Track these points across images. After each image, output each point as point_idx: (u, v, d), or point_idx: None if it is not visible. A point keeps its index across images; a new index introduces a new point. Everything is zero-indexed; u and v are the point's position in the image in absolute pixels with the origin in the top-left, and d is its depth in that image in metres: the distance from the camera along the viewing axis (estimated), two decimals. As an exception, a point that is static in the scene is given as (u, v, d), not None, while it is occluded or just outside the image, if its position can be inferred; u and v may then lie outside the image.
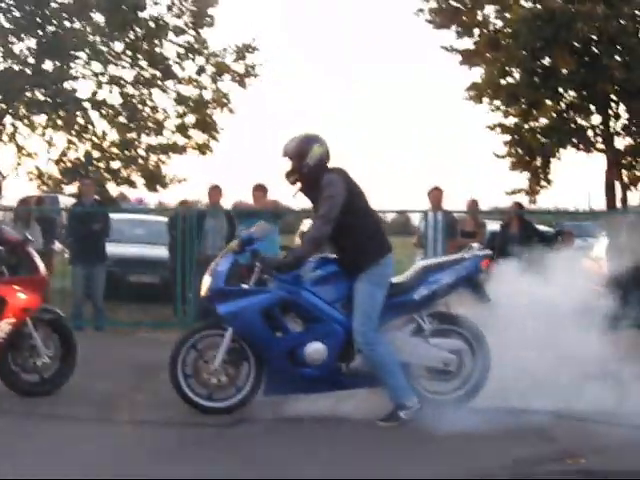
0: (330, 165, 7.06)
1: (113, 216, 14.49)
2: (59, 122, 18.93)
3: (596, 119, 20.11)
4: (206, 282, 7.11)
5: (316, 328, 6.91)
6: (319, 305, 6.93)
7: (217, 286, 6.99)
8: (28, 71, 17.82)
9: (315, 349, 6.86)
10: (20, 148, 19.84)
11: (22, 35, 17.56)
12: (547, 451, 5.87)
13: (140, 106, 19.00)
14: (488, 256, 7.54)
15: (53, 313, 7.88)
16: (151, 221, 17.67)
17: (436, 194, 13.06)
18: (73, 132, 19.54)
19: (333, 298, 6.98)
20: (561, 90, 19.23)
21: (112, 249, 13.58)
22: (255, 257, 6.99)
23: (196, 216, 12.90)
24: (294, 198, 7.26)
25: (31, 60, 17.88)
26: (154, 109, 19.20)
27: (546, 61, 18.55)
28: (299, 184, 7.06)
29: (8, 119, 19.25)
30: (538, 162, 20.37)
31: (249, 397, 7.02)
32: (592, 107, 19.82)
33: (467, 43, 19.98)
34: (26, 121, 18.98)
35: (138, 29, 17.92)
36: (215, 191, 13.06)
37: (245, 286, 7.00)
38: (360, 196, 7.05)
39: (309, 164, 6.92)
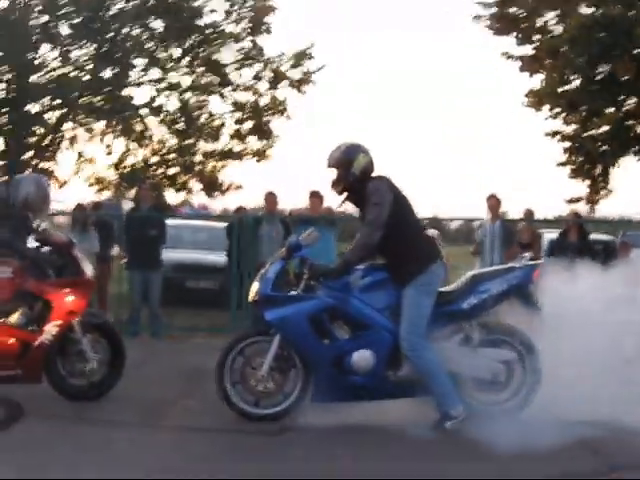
0: (375, 174, 7.03)
1: (172, 222, 14.62)
2: (117, 128, 19.07)
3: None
4: (254, 288, 7.10)
5: (363, 335, 6.86)
6: (367, 312, 6.87)
7: (264, 292, 6.97)
8: (86, 77, 18.00)
9: (362, 357, 6.81)
10: (80, 154, 20.07)
11: (80, 41, 17.73)
12: (593, 465, 5.76)
13: (197, 112, 19.09)
14: (539, 266, 7.40)
15: (100, 317, 7.92)
16: (210, 227, 17.75)
17: (493, 202, 12.97)
18: (132, 138, 19.73)
19: (381, 305, 6.92)
20: (622, 97, 18.90)
21: (170, 255, 13.71)
22: (303, 263, 6.98)
23: (252, 222, 12.93)
24: (340, 208, 7.24)
25: (89, 66, 18.05)
26: (211, 115, 19.29)
27: (605, 68, 18.22)
28: (345, 194, 7.05)
29: (68, 125, 19.53)
30: (598, 170, 20.07)
31: (296, 404, 6.97)
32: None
33: (527, 50, 19.75)
34: (85, 127, 19.16)
35: (195, 36, 18.00)
36: (271, 198, 13.08)
37: (293, 293, 6.99)
38: (405, 203, 7.01)
39: (355, 173, 6.90)
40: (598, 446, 6.10)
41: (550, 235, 14.06)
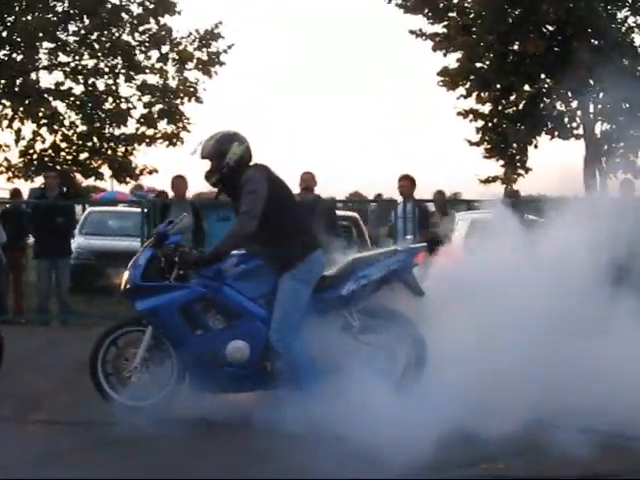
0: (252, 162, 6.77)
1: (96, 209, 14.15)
2: (21, 113, 18.51)
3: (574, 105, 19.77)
4: (125, 277, 6.79)
5: (238, 326, 6.59)
6: (240, 301, 6.60)
7: (134, 281, 6.67)
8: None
9: (236, 348, 6.54)
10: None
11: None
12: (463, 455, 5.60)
13: (104, 96, 18.60)
14: (423, 249, 7.17)
15: None
16: (132, 213, 17.42)
17: (406, 183, 12.69)
18: (41, 123, 19.18)
19: (256, 294, 6.65)
20: (535, 74, 18.87)
21: (90, 242, 13.43)
22: (175, 251, 6.69)
23: (161, 208, 12.53)
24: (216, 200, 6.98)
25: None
26: (118, 98, 18.79)
27: (516, 45, 18.14)
28: (220, 185, 6.76)
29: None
30: (513, 150, 20.03)
31: (172, 396, 6.70)
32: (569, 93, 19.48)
33: (438, 28, 19.62)
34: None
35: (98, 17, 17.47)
36: (179, 181, 12.62)
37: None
38: (284, 191, 6.76)
39: (229, 164, 6.61)
40: (471, 435, 5.89)
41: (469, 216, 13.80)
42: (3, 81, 17.92)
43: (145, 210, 12.96)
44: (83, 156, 19.73)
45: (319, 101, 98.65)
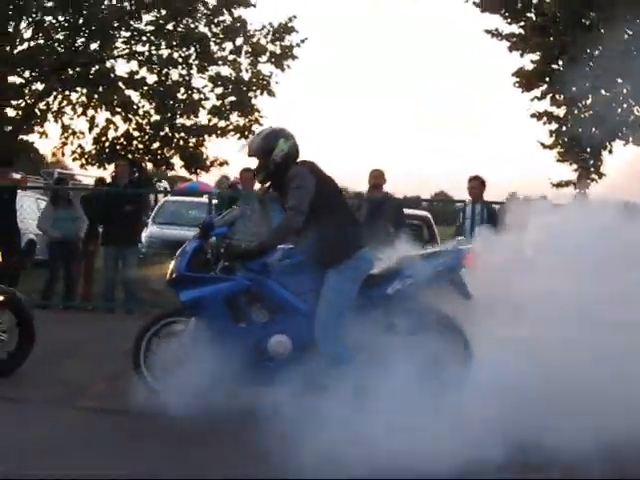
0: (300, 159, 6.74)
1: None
2: (95, 101, 18.75)
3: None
4: (171, 267, 6.80)
5: (281, 320, 6.55)
6: (284, 296, 6.56)
7: (179, 271, 6.67)
8: (60, 48, 17.66)
9: (279, 342, 6.54)
10: (66, 127, 19.76)
11: (55, 13, 17.35)
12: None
13: (176, 87, 18.73)
14: (472, 251, 7.03)
15: (6, 292, 7.66)
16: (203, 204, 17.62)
17: (475, 184, 12.57)
18: (115, 111, 19.40)
19: (301, 289, 6.60)
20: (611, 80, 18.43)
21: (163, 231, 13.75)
22: (222, 243, 6.68)
23: (228, 199, 12.58)
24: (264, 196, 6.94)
25: (60, 36, 17.69)
26: (190, 89, 18.90)
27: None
28: (269, 182, 6.74)
29: (49, 98, 19.17)
30: (587, 154, 19.61)
31: (214, 387, 6.53)
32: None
33: (515, 28, 19.33)
34: (63, 98, 18.85)
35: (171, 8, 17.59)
36: (248, 174, 12.66)
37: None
38: (331, 188, 6.69)
39: (276, 160, 6.57)
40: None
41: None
42: (78, 69, 18.13)
43: (214, 202, 13.03)
44: (155, 145, 19.87)
45: (381, 102, 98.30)
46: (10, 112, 18.91)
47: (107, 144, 19.57)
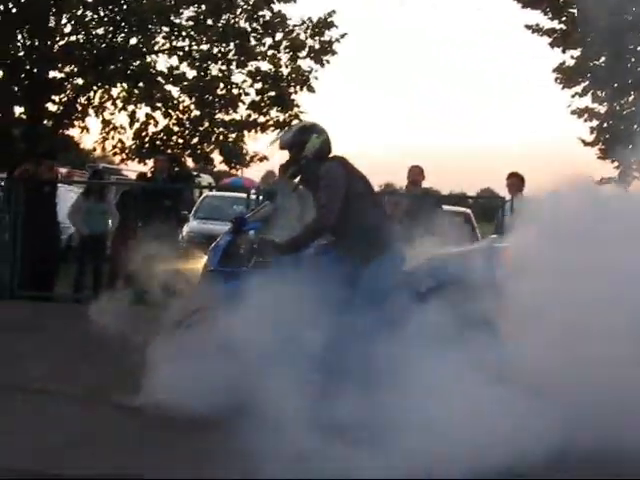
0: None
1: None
2: (136, 96, 18.83)
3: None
4: (204, 261, 6.85)
5: (312, 316, 6.53)
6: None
7: (212, 265, 6.71)
8: (99, 44, 17.77)
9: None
10: (107, 122, 19.87)
11: (95, 8, 17.48)
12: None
13: (216, 82, 18.74)
14: (506, 249, 6.98)
15: None
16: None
17: (514, 181, 12.57)
18: (156, 106, 19.45)
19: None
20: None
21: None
22: (255, 238, 6.70)
23: (266, 194, 12.58)
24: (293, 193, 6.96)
25: (100, 31, 17.80)
26: (229, 84, 18.90)
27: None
28: (298, 177, 6.73)
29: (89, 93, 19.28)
30: (629, 151, 19.38)
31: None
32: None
33: (556, 24, 19.14)
34: (103, 93, 18.96)
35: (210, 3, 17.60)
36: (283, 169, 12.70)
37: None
38: (362, 185, 6.66)
39: (307, 156, 6.56)
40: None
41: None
42: (119, 64, 18.22)
43: (253, 197, 13.08)
44: (194, 141, 19.90)
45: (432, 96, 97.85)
46: (51, 107, 19.01)
47: (147, 139, 19.58)
